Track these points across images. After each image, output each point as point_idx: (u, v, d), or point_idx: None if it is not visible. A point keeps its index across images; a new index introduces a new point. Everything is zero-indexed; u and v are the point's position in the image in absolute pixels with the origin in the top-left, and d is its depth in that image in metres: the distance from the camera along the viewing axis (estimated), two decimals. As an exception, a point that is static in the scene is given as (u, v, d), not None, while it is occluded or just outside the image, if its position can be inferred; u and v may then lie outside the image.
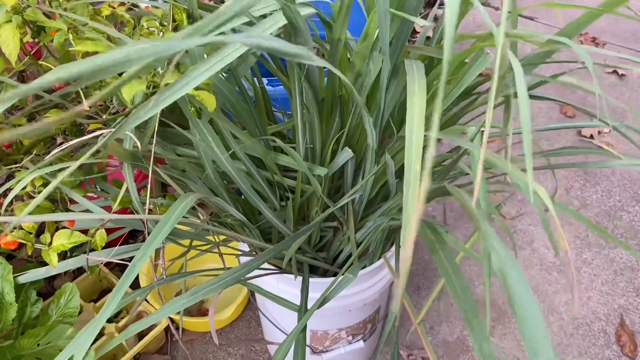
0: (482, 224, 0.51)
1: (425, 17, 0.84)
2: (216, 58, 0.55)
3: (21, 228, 0.80)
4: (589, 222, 0.62)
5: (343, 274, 0.95)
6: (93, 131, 0.76)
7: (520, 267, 0.46)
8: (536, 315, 0.42)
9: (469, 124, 0.68)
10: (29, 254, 0.78)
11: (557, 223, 0.51)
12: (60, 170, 0.84)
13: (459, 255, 0.73)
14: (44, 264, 0.97)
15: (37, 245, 0.80)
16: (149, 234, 0.81)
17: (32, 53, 0.84)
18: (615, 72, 2.57)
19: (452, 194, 0.61)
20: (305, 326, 0.89)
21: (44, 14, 0.71)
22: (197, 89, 0.68)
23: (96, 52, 0.73)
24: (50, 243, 0.79)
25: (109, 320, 1.45)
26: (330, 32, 0.84)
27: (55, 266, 0.80)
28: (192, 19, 0.74)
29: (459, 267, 0.58)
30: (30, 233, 0.80)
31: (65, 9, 0.72)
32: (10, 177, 1.00)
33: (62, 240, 0.79)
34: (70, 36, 0.70)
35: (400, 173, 0.93)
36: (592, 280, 1.72)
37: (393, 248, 1.07)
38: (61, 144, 1.01)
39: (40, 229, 0.85)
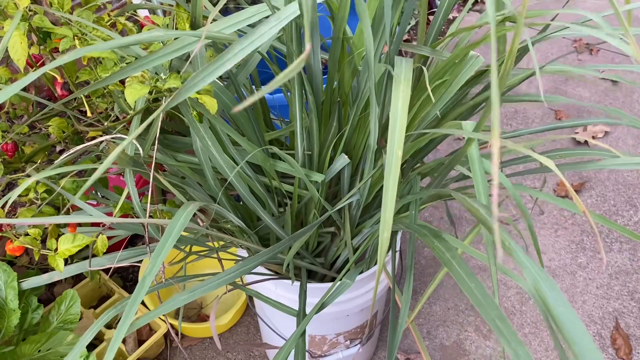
0: (504, 238, 0.52)
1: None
2: (233, 52, 0.56)
3: (27, 235, 0.81)
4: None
5: (341, 280, 0.96)
6: (93, 139, 0.78)
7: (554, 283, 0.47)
8: (581, 329, 0.43)
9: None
10: (37, 259, 0.79)
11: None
12: (61, 175, 0.85)
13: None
14: (44, 270, 0.98)
15: (43, 251, 0.81)
16: (149, 237, 0.82)
17: (37, 63, 0.85)
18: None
19: (465, 205, 0.63)
20: (305, 331, 0.90)
21: (50, 21, 0.73)
22: (198, 93, 0.70)
23: (100, 58, 0.74)
24: (56, 249, 0.80)
25: (109, 327, 1.46)
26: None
27: (62, 271, 0.81)
28: (195, 28, 0.76)
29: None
30: (37, 239, 0.81)
31: (70, 19, 0.74)
32: (12, 185, 1.02)
33: (67, 245, 0.80)
34: (76, 42, 0.72)
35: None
36: (587, 284, 1.74)
37: (390, 253, 1.08)
38: (62, 151, 1.02)
39: (44, 236, 0.86)
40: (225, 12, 1.87)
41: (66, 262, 0.86)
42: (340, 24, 0.77)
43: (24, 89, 0.98)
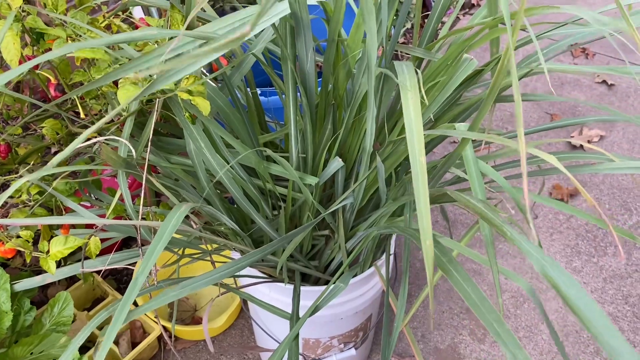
0: (506, 229, 0.52)
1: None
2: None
3: (19, 237, 0.81)
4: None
5: (334, 283, 0.96)
6: (88, 140, 0.78)
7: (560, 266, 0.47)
8: (596, 309, 0.44)
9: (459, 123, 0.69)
10: (28, 261, 0.79)
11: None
12: (54, 175, 0.85)
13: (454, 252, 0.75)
14: (37, 272, 0.97)
15: (35, 254, 0.80)
16: (142, 240, 0.82)
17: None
18: (604, 82, 2.60)
19: (461, 202, 0.63)
20: (298, 334, 0.89)
21: (44, 22, 0.72)
22: (191, 94, 0.70)
23: (94, 59, 0.74)
24: (48, 251, 0.79)
25: (101, 329, 1.46)
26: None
27: (54, 273, 0.81)
28: (189, 29, 0.76)
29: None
30: (28, 241, 0.81)
31: (64, 21, 0.74)
32: (5, 187, 1.01)
33: (59, 247, 0.80)
34: (69, 43, 0.71)
35: (389, 181, 0.95)
36: (582, 288, 1.74)
37: (384, 256, 1.08)
38: (56, 152, 1.02)
39: (36, 238, 0.86)
40: (221, 13, 1.87)
41: (59, 264, 0.86)
42: (335, 26, 0.77)
43: (18, 90, 0.98)
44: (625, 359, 0.41)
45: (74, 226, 0.97)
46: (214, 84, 0.87)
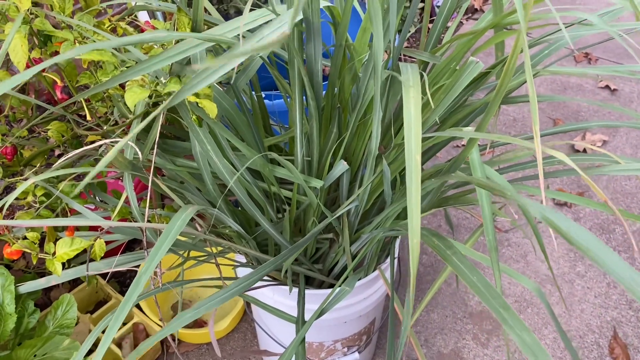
0: (508, 191, 0.53)
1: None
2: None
3: (25, 238, 0.81)
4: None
5: (340, 286, 0.95)
6: (92, 142, 0.78)
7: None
8: (592, 238, 0.45)
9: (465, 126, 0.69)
10: (34, 263, 0.79)
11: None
12: (60, 178, 0.85)
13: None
14: (41, 274, 0.97)
15: (41, 255, 0.80)
16: (147, 242, 0.82)
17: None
18: (607, 87, 2.60)
19: (475, 183, 0.63)
20: (304, 338, 0.89)
21: (51, 24, 0.73)
22: (198, 97, 0.70)
23: (100, 61, 0.74)
24: (54, 253, 0.80)
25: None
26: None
27: (60, 275, 0.81)
28: (196, 32, 0.76)
29: (451, 281, 0.59)
30: (35, 243, 0.81)
31: (70, 23, 0.74)
32: (11, 189, 1.01)
33: (65, 248, 0.80)
34: (77, 46, 0.72)
35: (394, 184, 0.95)
36: (585, 293, 1.74)
37: (388, 260, 1.08)
38: (60, 155, 1.02)
39: (40, 241, 0.86)
40: (226, 17, 1.87)
41: (63, 267, 0.86)
42: (342, 30, 0.77)
43: (24, 92, 0.98)
44: (626, 277, 0.44)
45: (77, 229, 0.97)
46: (220, 88, 0.87)
